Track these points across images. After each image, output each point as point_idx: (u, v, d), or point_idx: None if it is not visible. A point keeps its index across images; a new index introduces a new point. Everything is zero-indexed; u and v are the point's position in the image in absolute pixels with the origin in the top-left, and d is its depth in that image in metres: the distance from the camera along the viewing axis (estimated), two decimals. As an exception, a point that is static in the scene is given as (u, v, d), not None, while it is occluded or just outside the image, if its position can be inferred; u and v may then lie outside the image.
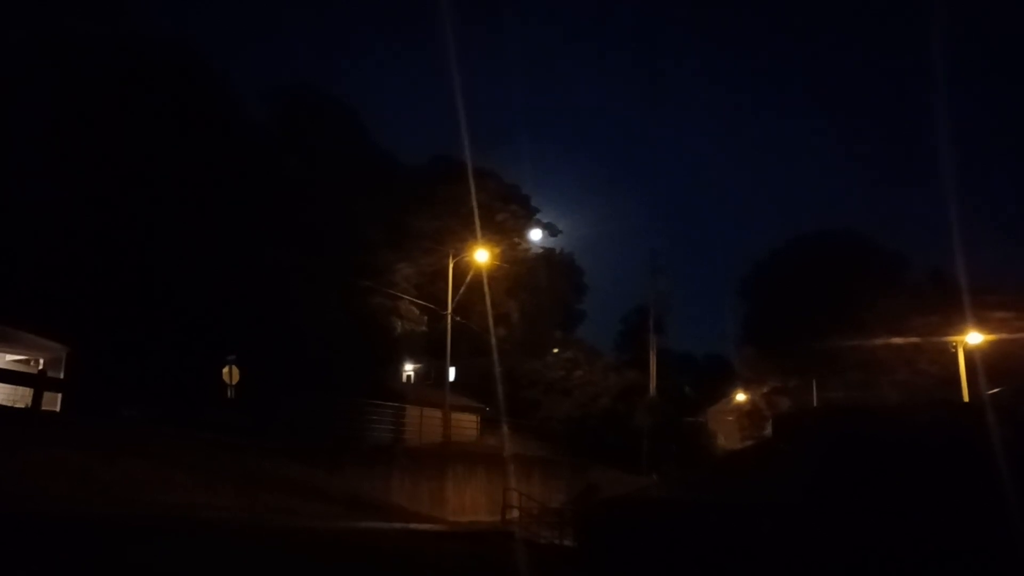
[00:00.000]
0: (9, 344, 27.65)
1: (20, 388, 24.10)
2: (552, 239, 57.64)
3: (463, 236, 43.81)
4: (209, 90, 34.29)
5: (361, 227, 39.96)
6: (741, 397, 67.97)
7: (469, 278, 42.52)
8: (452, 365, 42.06)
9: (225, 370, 27.75)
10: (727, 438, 62.20)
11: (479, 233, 42.88)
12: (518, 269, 50.30)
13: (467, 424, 42.34)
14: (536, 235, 54.38)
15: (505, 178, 54.50)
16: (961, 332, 42.95)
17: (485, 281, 43.66)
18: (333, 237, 37.19)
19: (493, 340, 45.55)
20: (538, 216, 56.25)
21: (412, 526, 22.92)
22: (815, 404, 55.68)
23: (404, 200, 44.47)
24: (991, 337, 43.30)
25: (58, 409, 25.55)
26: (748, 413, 65.53)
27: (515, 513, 32.42)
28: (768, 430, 54.14)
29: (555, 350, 54.77)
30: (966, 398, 38.08)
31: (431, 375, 50.68)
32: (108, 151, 30.14)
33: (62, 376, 27.41)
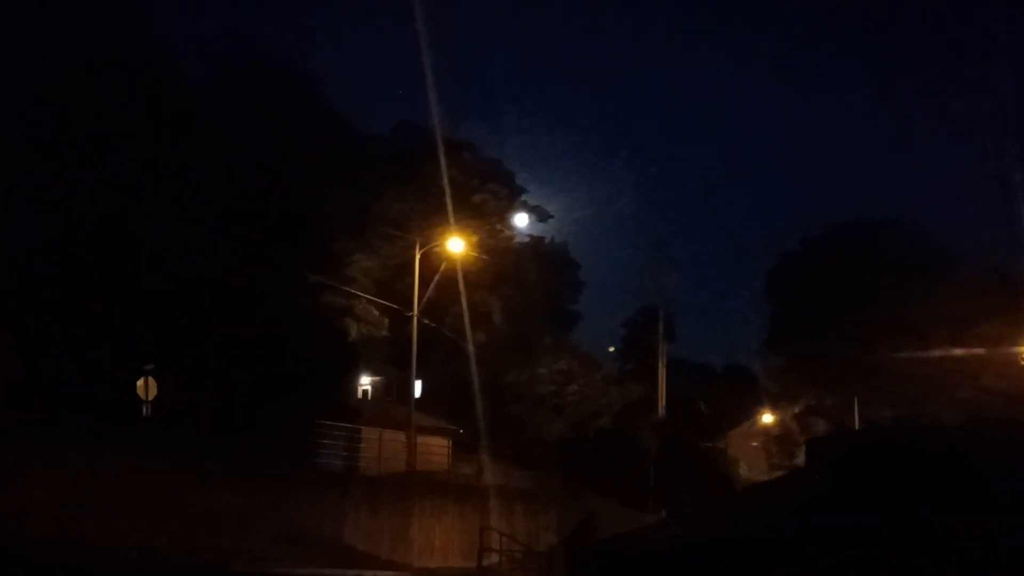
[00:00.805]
0: None
1: None
2: (541, 225, 57.27)
3: (433, 221, 43.67)
4: (133, 40, 34.41)
5: (311, 208, 39.79)
6: (768, 418, 68.20)
7: (440, 272, 42.41)
8: (419, 377, 42.07)
9: (140, 383, 27.64)
10: (751, 467, 62.50)
11: (452, 218, 42.80)
12: (500, 261, 50.07)
13: (437, 449, 42.42)
14: (522, 220, 54.09)
15: (484, 152, 54.44)
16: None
17: (460, 276, 43.65)
18: (275, 221, 37.10)
19: (470, 347, 45.69)
20: (524, 198, 55.77)
21: (368, 575, 22.89)
22: (857, 426, 56.03)
23: (363, 177, 44.29)
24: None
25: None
26: (777, 437, 65.84)
27: (494, 557, 32.48)
28: (801, 458, 54.29)
29: (545, 360, 54.66)
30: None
31: (393, 389, 50.48)
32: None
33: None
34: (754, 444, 67.15)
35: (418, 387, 43.21)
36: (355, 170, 44.08)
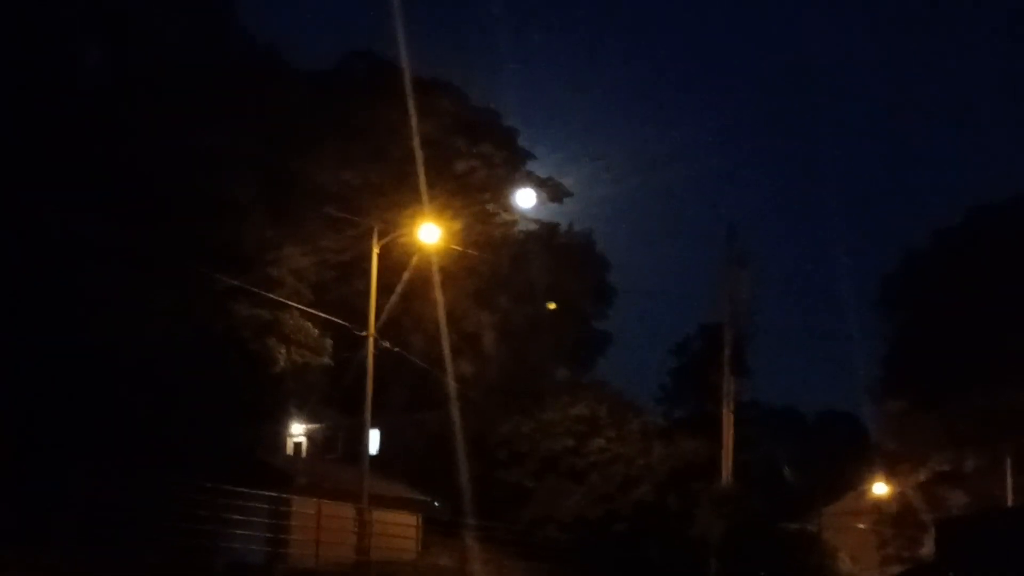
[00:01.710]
0: None
1: None
2: (555, 207, 57.61)
3: (397, 199, 43.58)
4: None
5: (216, 176, 39.49)
6: (881, 488, 67.75)
7: (409, 273, 42.05)
8: (376, 426, 41.99)
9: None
10: (857, 559, 62.16)
11: (425, 194, 42.63)
12: (495, 259, 49.86)
13: (401, 529, 42.25)
14: (527, 199, 53.89)
15: (473, 99, 54.44)
16: None
17: (436, 279, 43.77)
18: (166, 193, 36.88)
19: (450, 382, 45.51)
20: (530, 167, 56.02)
21: None
22: (1011, 501, 55.49)
23: (292, 131, 44.00)
24: None
25: None
26: (894, 516, 65.35)
27: None
28: (929, 546, 53.73)
29: (558, 403, 54.40)
30: None
31: (338, 442, 50.56)
32: None
33: None
34: (861, 526, 66.74)
35: (374, 439, 43.12)
36: (279, 121, 43.74)
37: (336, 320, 41.69)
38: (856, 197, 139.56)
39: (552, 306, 54.46)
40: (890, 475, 67.09)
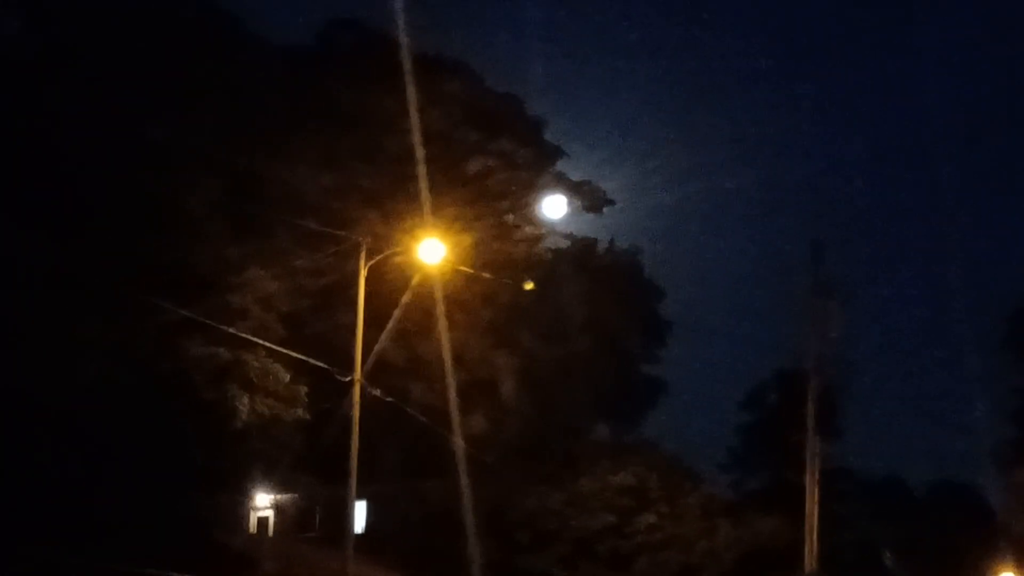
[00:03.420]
0: None
1: None
2: (592, 218, 57.89)
3: (392, 207, 44.15)
4: None
5: (163, 177, 39.64)
6: (1010, 581, 67.57)
7: (405, 301, 42.03)
8: (363, 496, 41.88)
9: None
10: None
11: (428, 202, 42.75)
12: (517, 284, 49.95)
13: (395, 630, 42.02)
14: (557, 207, 54.20)
15: (489, 83, 54.83)
16: None
17: (441, 310, 43.87)
18: (99, 197, 37.13)
19: (458, 442, 45.55)
20: (562, 167, 56.31)
21: None
22: None
23: (261, 122, 44.20)
24: None
25: None
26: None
27: None
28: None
29: (597, 469, 54.36)
30: None
31: (315, 517, 50.75)
32: None
33: None
34: (983, 628, 66.46)
35: (361, 514, 43.19)
36: (243, 109, 43.96)
37: (313, 362, 41.50)
38: (976, 214, 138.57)
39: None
40: (1021, 562, 66.82)
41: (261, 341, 43.05)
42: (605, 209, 57.08)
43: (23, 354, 33.81)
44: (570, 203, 53.79)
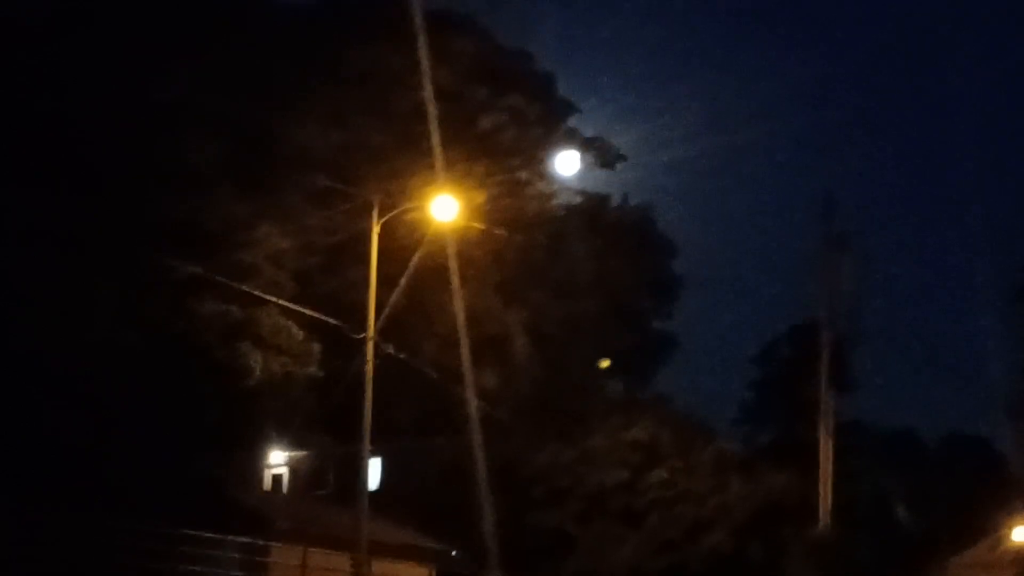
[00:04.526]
0: None
1: None
2: (605, 174, 57.87)
3: (402, 164, 43.92)
4: None
5: (171, 136, 39.44)
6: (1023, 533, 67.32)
7: (417, 259, 41.78)
8: (377, 453, 41.98)
9: None
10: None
11: (439, 158, 42.57)
12: (528, 241, 49.83)
13: (408, 586, 41.99)
14: (569, 164, 54.22)
15: (499, 39, 54.73)
16: None
17: (453, 267, 43.75)
18: (106, 157, 36.96)
19: (471, 400, 45.38)
20: (573, 123, 56.36)
21: None
22: None
23: (269, 80, 43.98)
24: None
25: None
26: (1039, 571, 64.97)
27: None
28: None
29: (609, 426, 54.21)
30: None
31: (329, 475, 50.77)
32: None
33: None
34: (997, 582, 66.33)
35: (375, 471, 43.16)
36: (251, 67, 43.79)
37: (326, 319, 41.38)
38: (992, 162, 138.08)
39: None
40: (1034, 518, 66.68)
41: (273, 298, 42.98)
42: (618, 165, 57.14)
43: (31, 315, 33.79)
44: (582, 159, 53.66)
